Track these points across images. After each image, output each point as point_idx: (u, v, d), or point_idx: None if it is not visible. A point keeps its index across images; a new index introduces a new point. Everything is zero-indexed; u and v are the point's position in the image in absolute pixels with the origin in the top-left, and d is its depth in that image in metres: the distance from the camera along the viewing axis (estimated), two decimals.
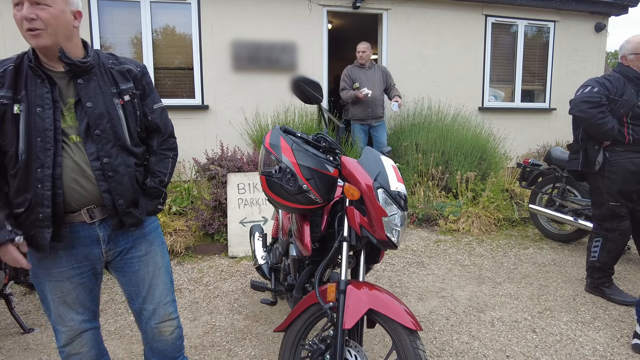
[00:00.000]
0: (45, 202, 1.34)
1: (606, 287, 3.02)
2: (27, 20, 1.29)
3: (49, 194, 1.34)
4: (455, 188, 5.01)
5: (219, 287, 3.21)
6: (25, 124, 1.33)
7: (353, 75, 5.26)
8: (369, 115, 5.24)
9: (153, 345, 1.68)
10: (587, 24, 7.01)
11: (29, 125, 1.33)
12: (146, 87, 1.58)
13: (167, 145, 1.65)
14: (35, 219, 1.36)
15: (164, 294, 1.64)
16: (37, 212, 1.35)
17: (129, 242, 1.56)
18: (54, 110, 1.35)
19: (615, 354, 2.37)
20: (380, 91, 5.30)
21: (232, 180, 3.95)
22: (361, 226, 1.64)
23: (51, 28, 1.32)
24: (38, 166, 1.33)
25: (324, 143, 1.83)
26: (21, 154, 1.33)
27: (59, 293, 1.49)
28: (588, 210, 3.81)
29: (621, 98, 2.82)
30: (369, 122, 5.29)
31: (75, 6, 1.41)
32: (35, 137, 1.33)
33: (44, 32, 1.31)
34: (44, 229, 1.36)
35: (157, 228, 1.67)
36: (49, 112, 1.34)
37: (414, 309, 2.86)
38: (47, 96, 1.35)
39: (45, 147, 1.33)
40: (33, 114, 1.33)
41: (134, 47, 5.27)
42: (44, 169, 1.33)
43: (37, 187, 1.34)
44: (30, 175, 1.34)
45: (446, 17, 6.31)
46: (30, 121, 1.33)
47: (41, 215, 1.35)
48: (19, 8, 1.30)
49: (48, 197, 1.34)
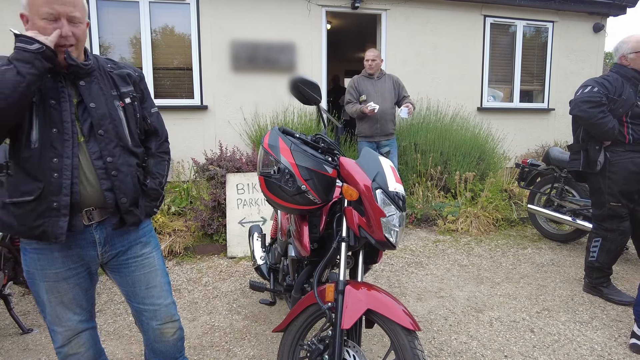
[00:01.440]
0: (64, 190, 1.36)
1: (604, 287, 3.03)
2: (64, 38, 1.33)
3: (67, 182, 1.36)
4: (454, 188, 5.01)
5: (218, 288, 3.21)
6: (39, 114, 1.35)
7: (360, 87, 4.51)
8: (377, 131, 4.47)
9: (154, 346, 1.69)
10: (586, 24, 7.02)
11: (44, 115, 1.35)
12: (144, 92, 1.63)
13: (163, 148, 1.70)
14: (46, 208, 1.36)
15: (163, 296, 1.65)
16: (50, 200, 1.36)
17: (124, 244, 1.57)
18: (70, 103, 1.39)
19: (613, 353, 2.37)
20: (392, 104, 4.53)
21: (231, 181, 3.95)
22: (360, 227, 1.65)
23: (80, 43, 1.40)
24: (55, 156, 1.35)
25: (323, 144, 1.83)
26: (34, 142, 1.35)
27: (55, 293, 1.49)
28: (586, 211, 3.82)
29: (620, 98, 2.83)
30: (377, 139, 4.51)
31: (88, 18, 1.46)
32: (51, 127, 1.35)
33: (74, 48, 1.37)
34: (59, 217, 1.37)
35: (151, 230, 1.69)
36: (65, 104, 1.38)
37: (413, 309, 2.86)
38: (62, 90, 1.38)
39: (63, 138, 1.36)
40: (47, 106, 1.36)
41: (133, 47, 5.27)
42: (63, 159, 1.36)
43: (52, 177, 1.35)
44: (44, 164, 1.35)
45: (445, 18, 6.31)
46: (45, 112, 1.36)
47: (56, 204, 1.36)
48: (52, 23, 1.32)
49: (67, 185, 1.36)
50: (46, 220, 1.37)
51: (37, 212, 1.37)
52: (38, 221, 1.37)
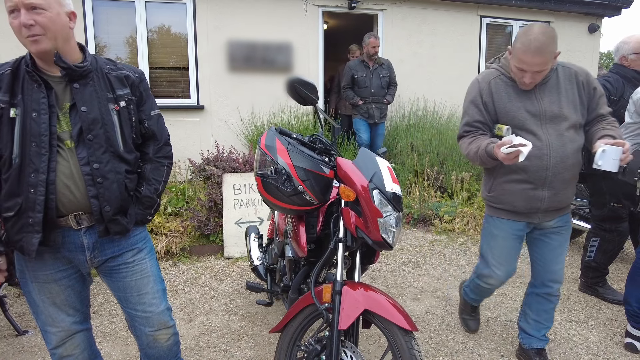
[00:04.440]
0: (37, 207, 1.33)
1: (600, 286, 3.05)
2: (26, 27, 1.28)
3: (41, 199, 1.33)
4: (450, 188, 5.03)
5: (214, 288, 3.21)
6: (20, 128, 1.32)
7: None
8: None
9: (148, 352, 1.66)
10: (581, 25, 7.06)
11: (24, 129, 1.32)
12: (143, 94, 1.57)
13: (163, 153, 1.64)
14: (24, 224, 1.35)
15: (155, 303, 1.60)
16: (27, 216, 1.34)
17: (115, 250, 1.54)
18: (50, 116, 1.35)
19: (608, 352, 2.39)
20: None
21: (227, 181, 3.94)
22: (357, 227, 1.65)
23: (50, 32, 1.31)
24: (32, 171, 1.32)
25: (320, 144, 1.84)
26: (15, 157, 1.32)
27: (47, 294, 1.48)
28: (582, 210, 3.84)
29: (621, 99, 2.82)
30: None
31: (69, 7, 1.40)
32: (30, 142, 1.33)
33: (43, 37, 1.31)
34: (32, 233, 1.35)
35: (145, 237, 1.64)
36: (44, 117, 1.34)
37: (410, 309, 2.87)
38: (43, 101, 1.34)
39: (40, 152, 1.33)
40: (29, 118, 1.33)
41: (129, 47, 5.25)
42: (38, 174, 1.32)
43: (29, 192, 1.32)
44: (23, 180, 1.33)
45: (441, 18, 6.33)
46: (26, 126, 1.32)
47: (31, 220, 1.34)
48: (15, 15, 1.29)
49: (40, 202, 1.33)
50: (24, 236, 1.36)
51: (17, 227, 1.36)
52: (18, 236, 1.37)
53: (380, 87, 5.21)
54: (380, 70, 5.22)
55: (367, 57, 5.20)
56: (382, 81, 5.21)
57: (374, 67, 5.21)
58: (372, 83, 5.17)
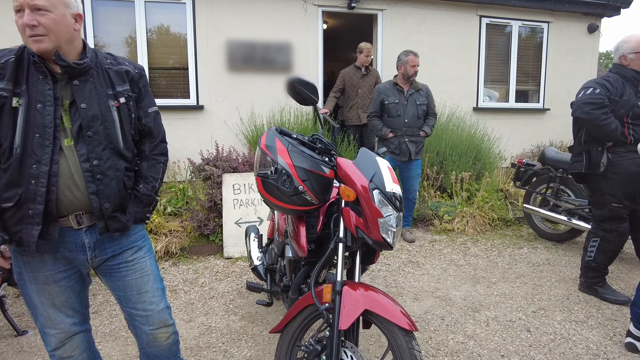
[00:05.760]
0: (38, 198, 1.33)
1: (599, 286, 3.05)
2: (29, 27, 1.28)
3: (43, 190, 1.33)
4: (450, 188, 5.03)
5: (214, 288, 3.20)
6: (24, 118, 1.32)
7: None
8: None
9: (148, 351, 1.67)
10: (580, 25, 7.06)
11: (28, 120, 1.32)
12: (142, 90, 1.57)
13: (159, 150, 1.64)
14: (23, 215, 1.34)
15: (155, 301, 1.61)
16: (27, 208, 1.33)
17: (115, 249, 1.54)
18: (55, 108, 1.34)
19: (608, 352, 2.39)
20: None
21: (227, 181, 3.94)
22: (357, 227, 1.65)
23: (53, 34, 1.32)
24: (34, 162, 1.32)
25: (320, 144, 1.83)
26: (16, 148, 1.32)
27: (47, 295, 1.47)
28: (582, 210, 3.84)
29: (621, 99, 2.81)
30: None
31: (76, 9, 1.39)
32: (33, 132, 1.32)
33: (46, 38, 1.31)
34: (32, 225, 1.34)
35: (144, 236, 1.65)
36: (49, 109, 1.33)
37: (410, 309, 2.87)
38: (49, 93, 1.34)
39: (44, 144, 1.33)
40: (33, 109, 1.32)
41: (129, 47, 5.24)
42: (41, 165, 1.32)
43: (30, 183, 1.32)
44: (24, 171, 1.33)
45: (441, 18, 6.33)
46: (30, 116, 1.32)
47: (31, 212, 1.33)
48: (20, 15, 1.30)
49: (42, 193, 1.33)
50: (23, 227, 1.35)
51: (16, 218, 1.35)
52: (16, 227, 1.36)
53: (417, 117, 4.09)
54: (417, 97, 4.12)
55: (402, 80, 4.12)
56: (419, 110, 4.10)
57: (409, 92, 4.11)
58: (407, 112, 4.07)
